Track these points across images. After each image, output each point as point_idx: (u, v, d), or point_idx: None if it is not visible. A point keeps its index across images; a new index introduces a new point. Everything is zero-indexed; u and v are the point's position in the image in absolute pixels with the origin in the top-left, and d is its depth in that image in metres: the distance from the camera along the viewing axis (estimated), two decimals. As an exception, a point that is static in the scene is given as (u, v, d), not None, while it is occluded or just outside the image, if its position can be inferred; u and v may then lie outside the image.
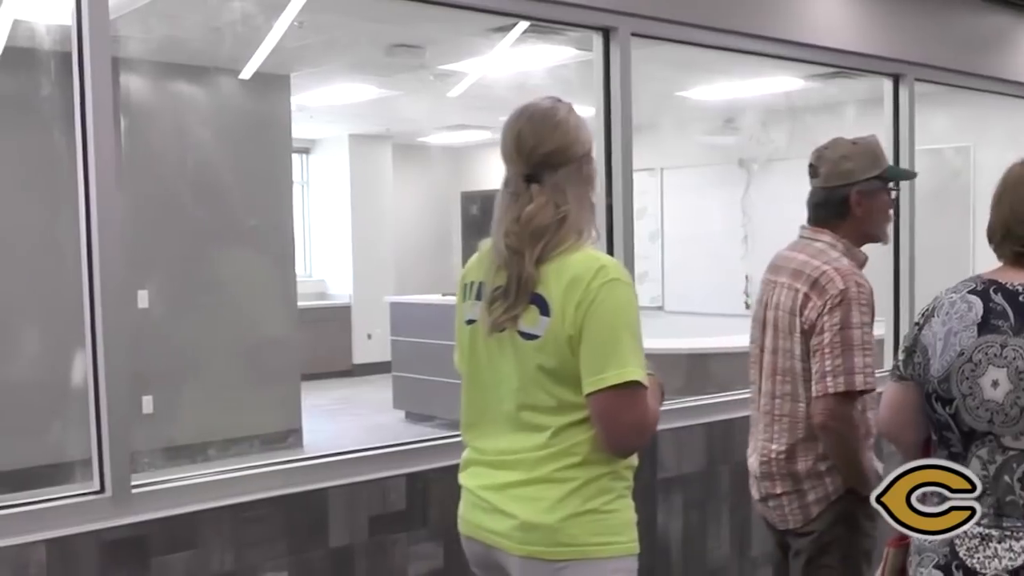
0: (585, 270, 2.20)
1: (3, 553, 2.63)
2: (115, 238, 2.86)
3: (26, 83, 6.72)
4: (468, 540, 2.44)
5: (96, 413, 2.88)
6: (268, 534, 3.07)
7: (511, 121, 2.33)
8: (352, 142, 12.83)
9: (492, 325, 2.28)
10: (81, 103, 2.82)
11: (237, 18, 6.64)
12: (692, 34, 4.27)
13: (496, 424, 2.35)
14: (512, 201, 2.28)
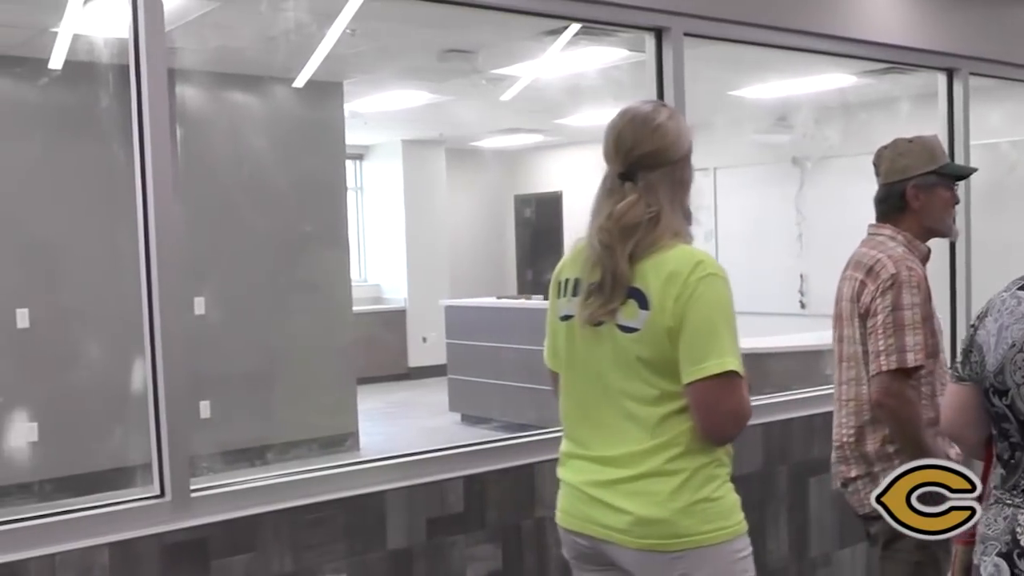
0: (683, 265, 2.28)
1: (68, 556, 2.68)
2: (173, 246, 2.90)
3: (86, 96, 6.85)
4: (572, 534, 2.46)
5: (156, 418, 2.92)
6: (327, 536, 3.09)
7: (613, 122, 2.41)
8: (405, 147, 12.89)
9: (589, 318, 2.34)
10: (139, 114, 2.87)
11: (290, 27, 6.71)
12: (744, 32, 4.25)
13: (597, 417, 2.39)
14: (606, 198, 2.36)
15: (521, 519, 3.50)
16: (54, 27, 6.37)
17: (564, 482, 2.48)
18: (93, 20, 6.26)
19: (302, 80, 7.88)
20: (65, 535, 2.73)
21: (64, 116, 7.36)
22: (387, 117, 10.77)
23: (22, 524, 2.71)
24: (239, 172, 8.22)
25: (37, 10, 6.35)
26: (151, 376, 2.92)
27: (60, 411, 7.29)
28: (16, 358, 7.24)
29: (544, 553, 3.56)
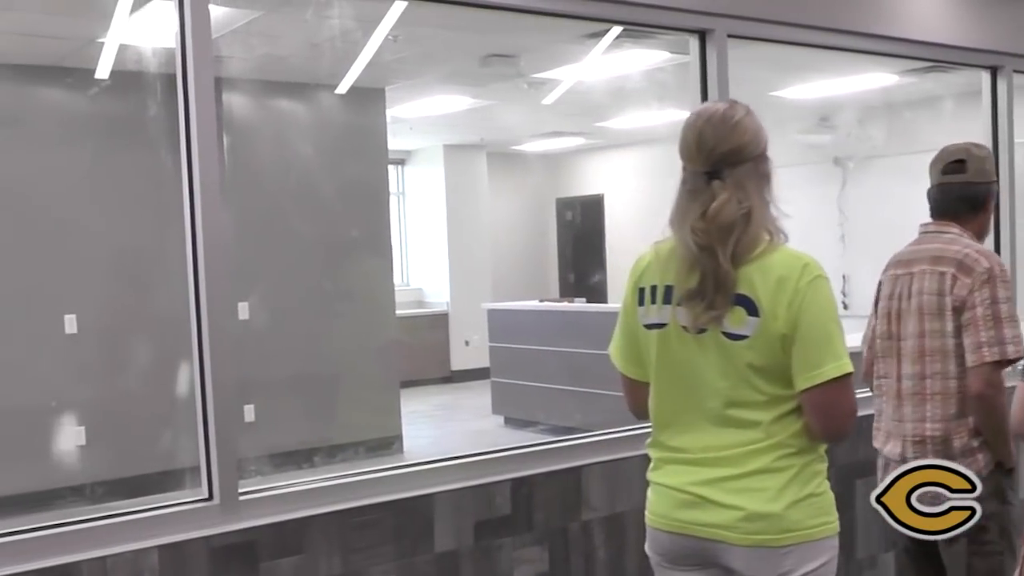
0: (791, 269, 2.28)
1: (119, 559, 2.72)
2: (220, 252, 2.93)
3: (134, 105, 6.92)
4: (671, 535, 2.44)
5: (204, 422, 2.95)
6: (375, 539, 3.11)
7: (691, 122, 2.39)
8: (447, 152, 12.93)
9: (693, 325, 2.33)
10: (186, 122, 2.91)
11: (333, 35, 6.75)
12: (788, 33, 4.24)
13: (697, 422, 2.38)
14: (692, 199, 2.34)
15: (568, 522, 3.51)
16: (100, 37, 6.45)
17: (661, 486, 2.46)
18: (139, 30, 6.33)
19: (345, 86, 7.93)
20: (116, 538, 2.76)
21: (111, 124, 7.44)
22: (429, 122, 10.80)
23: (74, 527, 2.75)
24: (283, 178, 8.28)
25: (84, 21, 6.42)
26: (199, 380, 2.95)
27: (107, 415, 7.37)
28: (64, 363, 7.33)
29: (591, 555, 3.57)
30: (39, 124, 7.31)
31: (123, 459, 7.18)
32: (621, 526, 3.61)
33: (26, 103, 7.37)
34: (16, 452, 7.09)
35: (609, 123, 11.56)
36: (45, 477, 7.17)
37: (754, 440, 2.31)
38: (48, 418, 7.32)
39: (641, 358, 2.48)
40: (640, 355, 2.48)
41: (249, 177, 7.76)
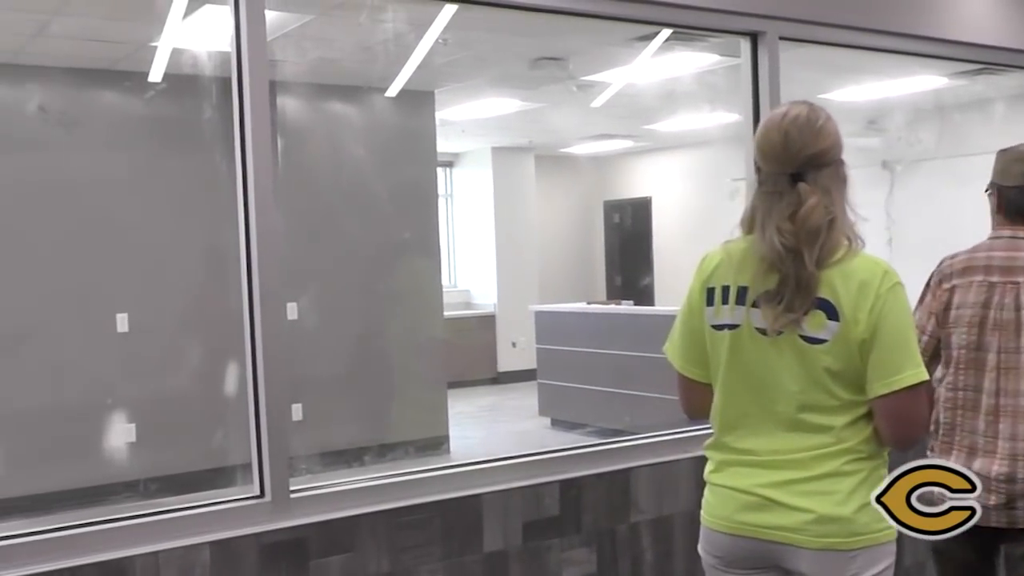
0: (872, 275, 2.29)
1: (171, 554, 2.76)
2: (273, 253, 2.97)
3: (190, 108, 7.00)
4: (732, 537, 2.43)
5: (256, 421, 2.98)
6: (423, 538, 3.13)
7: (775, 123, 2.38)
8: (495, 154, 12.96)
9: (772, 328, 2.31)
10: (241, 125, 2.94)
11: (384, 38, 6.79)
12: (839, 35, 4.21)
13: (765, 425, 2.38)
14: (775, 200, 2.32)
15: (616, 524, 3.51)
16: (154, 41, 6.53)
17: (723, 487, 2.44)
18: (192, 34, 6.40)
19: (395, 89, 7.98)
20: (168, 533, 2.80)
21: (164, 127, 7.53)
22: (477, 124, 10.83)
23: (127, 522, 2.80)
24: (334, 180, 8.34)
25: (138, 25, 6.50)
26: (251, 379, 2.99)
27: (158, 413, 7.45)
28: (115, 361, 7.43)
29: (639, 558, 3.57)
30: (94, 126, 7.43)
31: (174, 456, 7.26)
32: (669, 529, 3.61)
33: (82, 106, 7.49)
34: (69, 448, 7.21)
35: (657, 126, 11.53)
36: (98, 473, 7.27)
37: (824, 444, 2.31)
38: (100, 415, 7.42)
39: (703, 359, 2.46)
40: (702, 356, 2.46)
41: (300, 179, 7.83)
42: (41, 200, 7.23)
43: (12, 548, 2.64)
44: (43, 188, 7.21)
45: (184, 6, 5.57)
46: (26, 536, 2.68)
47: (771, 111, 2.46)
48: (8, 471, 6.90)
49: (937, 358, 3.17)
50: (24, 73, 7.33)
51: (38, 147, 7.22)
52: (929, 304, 3.19)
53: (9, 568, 2.58)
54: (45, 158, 7.21)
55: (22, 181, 7.15)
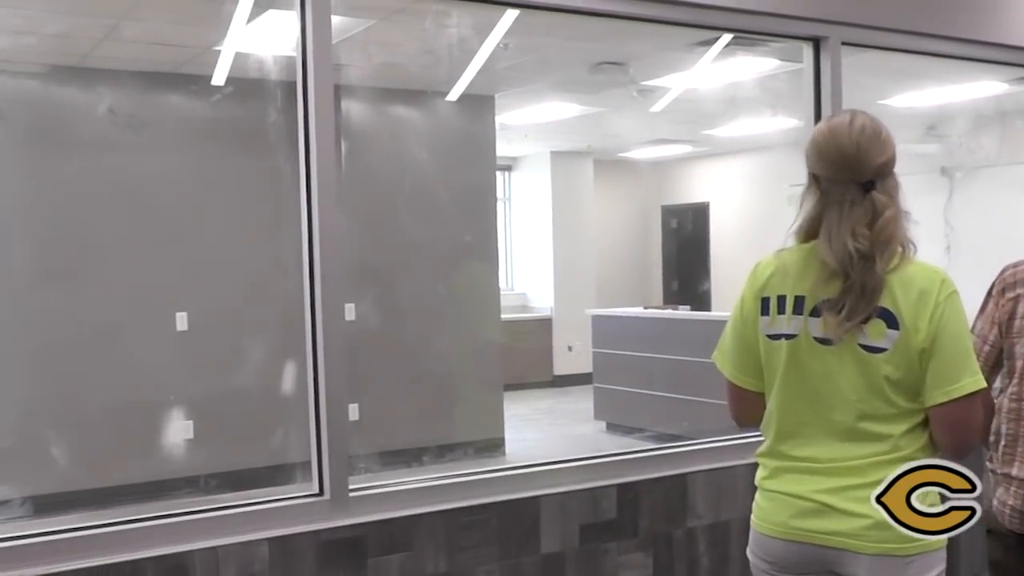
0: (931, 284, 2.29)
1: (230, 549, 2.80)
2: (335, 255, 2.99)
3: (252, 111, 7.09)
4: (787, 543, 2.42)
5: (316, 420, 3.01)
6: (481, 539, 3.15)
7: (843, 133, 2.36)
8: (554, 159, 12.98)
9: (835, 337, 2.31)
10: (305, 128, 2.97)
11: (447, 42, 6.83)
12: (902, 40, 4.17)
13: (823, 434, 2.37)
14: (848, 209, 2.31)
15: (672, 528, 3.51)
16: (217, 45, 6.62)
17: (778, 493, 2.44)
18: (255, 39, 6.48)
19: (456, 93, 8.02)
20: (228, 529, 2.84)
21: (227, 129, 7.64)
22: (536, 129, 10.85)
23: (188, 517, 2.84)
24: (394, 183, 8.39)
25: (203, 30, 6.61)
26: (311, 379, 3.02)
27: (215, 410, 7.56)
28: (174, 359, 7.54)
29: (695, 563, 3.56)
30: (160, 128, 7.54)
31: (233, 453, 7.36)
32: (726, 534, 3.60)
33: (148, 108, 7.60)
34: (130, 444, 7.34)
35: (716, 131, 11.49)
36: (159, 468, 7.39)
37: (882, 452, 2.31)
38: (159, 412, 7.53)
39: (755, 367, 2.46)
40: (754, 365, 2.46)
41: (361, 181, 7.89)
42: (108, 200, 7.37)
43: (76, 541, 2.69)
44: (110, 188, 7.36)
45: (248, 11, 5.64)
46: (89, 529, 2.72)
47: (827, 120, 2.43)
48: (72, 465, 7.03)
49: (998, 368, 3.10)
50: (95, 76, 7.47)
51: (107, 148, 7.36)
52: (992, 313, 3.11)
53: (72, 560, 2.63)
54: (113, 159, 7.36)
55: (91, 181, 7.30)
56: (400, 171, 8.49)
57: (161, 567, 2.72)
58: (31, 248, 7.20)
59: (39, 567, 2.60)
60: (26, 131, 7.19)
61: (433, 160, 8.74)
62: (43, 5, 6.04)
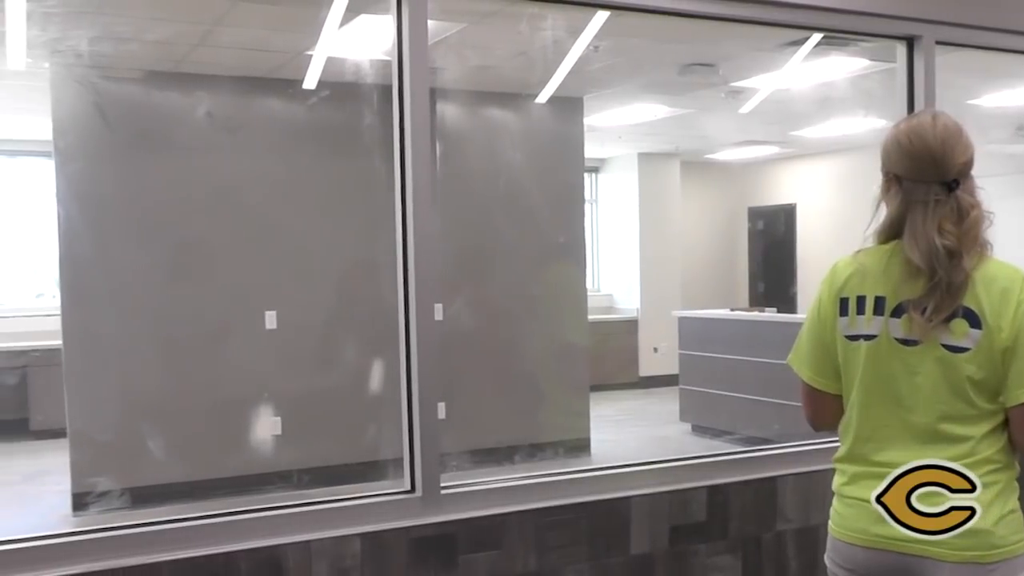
0: (1011, 282, 2.28)
1: (323, 544, 2.85)
2: (429, 256, 3.02)
3: (347, 114, 7.19)
4: (867, 550, 2.40)
5: (408, 418, 3.05)
6: (570, 539, 3.15)
7: (927, 133, 2.35)
8: (641, 160, 12.95)
9: (920, 337, 2.30)
10: (401, 131, 3.01)
11: (537, 45, 6.85)
12: (998, 39, 4.08)
13: (902, 437, 2.36)
14: (933, 208, 2.30)
15: (762, 532, 3.49)
16: (309, 50, 6.73)
17: (859, 500, 2.41)
18: (347, 43, 6.57)
19: (545, 96, 8.05)
20: (321, 524, 2.89)
21: (319, 132, 7.76)
22: (624, 130, 10.84)
23: (282, 511, 2.89)
24: (484, 184, 8.45)
25: (296, 35, 6.72)
26: (404, 377, 3.06)
27: (305, 407, 7.67)
28: (263, 357, 7.67)
29: (784, 567, 3.54)
30: (254, 131, 7.69)
31: (325, 449, 7.47)
32: (815, 539, 3.56)
33: (243, 112, 7.76)
34: (223, 439, 7.50)
35: (804, 132, 11.37)
36: (252, 463, 7.54)
37: (961, 455, 2.28)
38: (250, 408, 7.68)
39: (833, 370, 2.45)
40: (832, 366, 2.45)
41: (452, 183, 7.95)
42: (204, 200, 7.53)
43: (172, 532, 2.75)
44: (206, 189, 7.52)
45: (340, 16, 5.72)
46: (185, 521, 2.78)
47: (907, 121, 2.41)
48: (168, 458, 7.20)
49: None
50: (192, 81, 7.64)
51: (203, 150, 7.53)
52: None
53: (168, 551, 2.69)
54: (209, 161, 7.53)
55: (188, 182, 7.47)
56: (490, 173, 8.55)
57: (254, 560, 2.77)
58: (131, 246, 7.38)
59: (137, 557, 2.66)
60: (128, 134, 7.38)
61: (523, 162, 8.79)
62: (145, 12, 6.19)
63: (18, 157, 10.25)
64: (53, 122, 7.21)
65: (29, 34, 6.02)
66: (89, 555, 2.63)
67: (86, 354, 7.33)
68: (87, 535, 2.68)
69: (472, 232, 8.27)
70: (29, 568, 2.57)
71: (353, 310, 7.75)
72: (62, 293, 7.46)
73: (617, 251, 13.31)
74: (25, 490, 8.00)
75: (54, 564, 2.59)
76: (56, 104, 7.22)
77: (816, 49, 6.39)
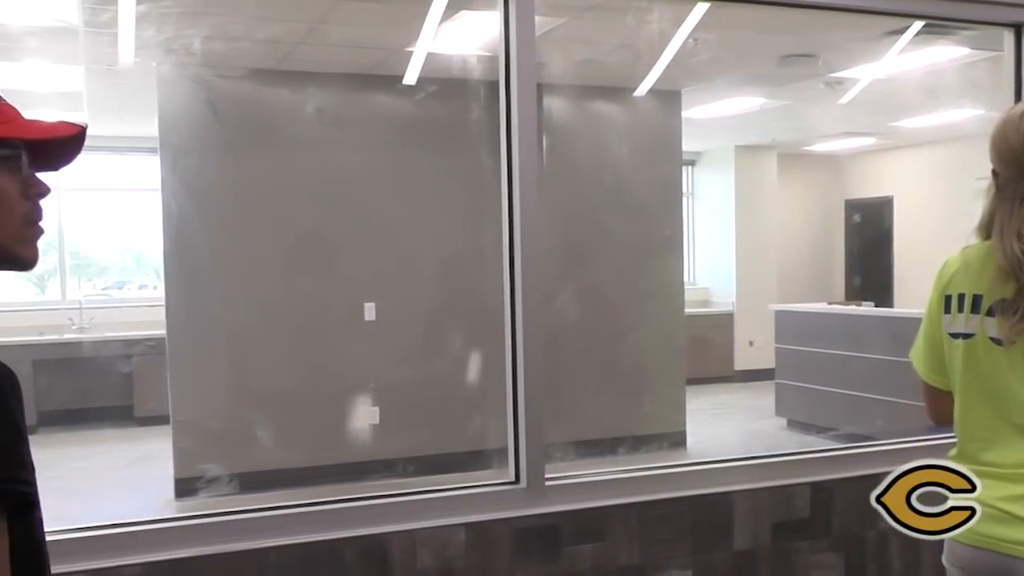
0: None
1: (427, 533, 2.88)
2: (536, 248, 3.04)
3: (452, 109, 7.25)
4: (974, 550, 2.38)
5: (514, 410, 3.07)
6: (673, 533, 3.16)
7: (1010, 126, 2.30)
8: (737, 153, 12.86)
9: (1007, 338, 2.26)
10: (508, 126, 3.03)
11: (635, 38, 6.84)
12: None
13: (1004, 436, 2.33)
14: (1017, 207, 2.25)
15: (865, 530, 3.45)
16: (410, 47, 6.80)
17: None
18: (447, 39, 6.63)
19: (643, 89, 8.03)
20: (425, 513, 2.92)
21: (421, 127, 7.84)
22: (720, 123, 10.77)
23: (387, 500, 2.93)
24: (585, 178, 8.44)
25: (398, 32, 6.79)
26: (510, 369, 3.08)
27: (406, 397, 7.77)
28: (361, 347, 7.78)
29: (887, 566, 3.50)
30: (356, 127, 7.81)
31: (423, 438, 7.56)
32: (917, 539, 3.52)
33: (347, 107, 7.88)
34: (327, 427, 7.64)
35: (902, 122, 11.17)
36: (353, 451, 7.67)
37: None
38: (351, 397, 7.80)
39: (944, 366, 2.42)
40: (943, 363, 2.42)
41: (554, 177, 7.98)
42: (309, 194, 7.67)
43: (279, 519, 2.80)
44: (312, 183, 7.65)
45: (440, 13, 5.77)
46: (291, 508, 2.83)
47: (1003, 113, 2.34)
48: (276, 446, 7.34)
49: None
50: (297, 78, 7.78)
51: (310, 146, 7.66)
52: None
53: (275, 537, 2.75)
54: (315, 155, 7.64)
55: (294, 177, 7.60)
56: (590, 166, 8.54)
57: (360, 547, 2.81)
58: (237, 239, 7.56)
59: (245, 543, 2.72)
60: (236, 129, 7.55)
61: (622, 155, 8.78)
62: (255, 12, 6.31)
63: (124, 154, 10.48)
64: (159, 119, 7.39)
65: (146, 35, 6.19)
66: (199, 539, 2.70)
67: (190, 343, 7.51)
68: (199, 519, 2.75)
69: (574, 225, 8.29)
70: (140, 551, 2.64)
71: (453, 302, 7.82)
72: (167, 285, 7.65)
73: (713, 245, 13.23)
74: (129, 475, 8.23)
75: (163, 548, 2.66)
76: (163, 101, 7.40)
77: (917, 38, 6.28)
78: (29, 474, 1.28)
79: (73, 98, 8.14)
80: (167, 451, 7.39)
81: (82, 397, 9.10)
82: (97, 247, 11.41)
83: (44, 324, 9.94)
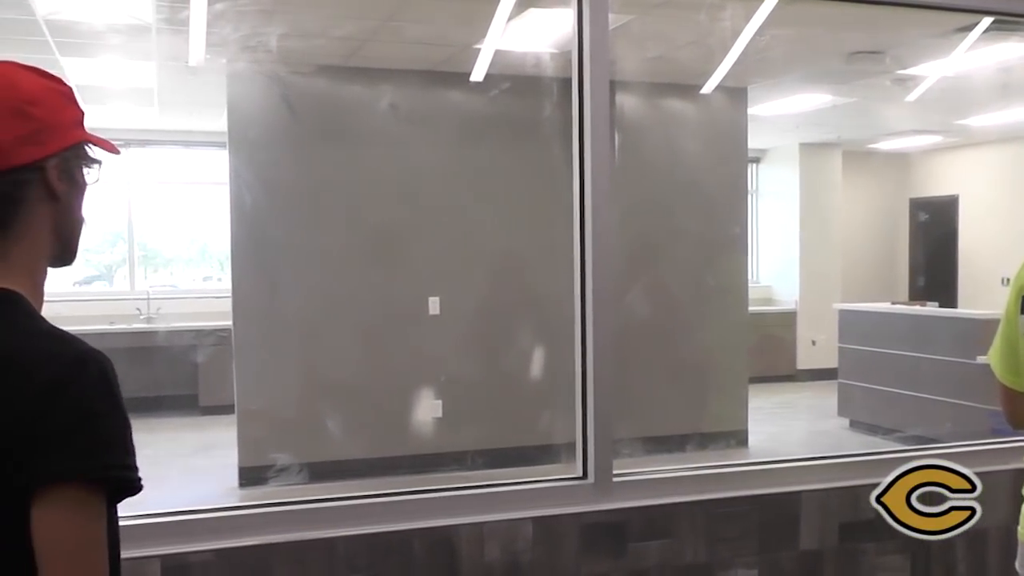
0: None
1: (495, 526, 2.91)
2: (608, 245, 3.06)
3: (532, 105, 7.27)
4: None
5: (583, 405, 3.09)
6: (740, 531, 3.15)
7: None
8: (802, 151, 12.76)
9: None
10: (580, 122, 3.05)
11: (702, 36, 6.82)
12: None
13: None
14: None
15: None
16: (478, 44, 6.84)
17: None
18: (515, 36, 6.66)
19: (710, 86, 8.01)
20: (494, 507, 2.96)
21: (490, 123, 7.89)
22: (785, 120, 10.69)
23: (456, 493, 2.97)
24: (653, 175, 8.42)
25: (464, 29, 6.85)
26: (579, 365, 3.09)
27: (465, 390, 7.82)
28: (425, 341, 7.83)
29: (952, 569, 3.47)
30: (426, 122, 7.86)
31: (490, 431, 7.61)
32: (983, 542, 3.49)
33: (416, 103, 7.93)
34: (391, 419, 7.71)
35: (970, 120, 11.02)
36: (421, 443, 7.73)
37: None
38: (416, 389, 7.85)
39: (1020, 367, 2.41)
40: (1019, 364, 2.41)
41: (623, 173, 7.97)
42: (378, 189, 7.73)
43: (348, 509, 2.85)
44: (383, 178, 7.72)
45: (509, 10, 5.80)
46: (361, 499, 2.88)
47: None
48: (345, 437, 7.42)
49: None
50: (367, 74, 7.86)
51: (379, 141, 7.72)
52: None
53: (344, 527, 2.78)
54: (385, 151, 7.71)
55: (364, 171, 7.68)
56: (658, 163, 8.52)
57: (428, 539, 2.84)
58: (306, 232, 7.63)
59: (314, 532, 2.76)
60: (307, 124, 7.63)
61: (689, 152, 8.76)
62: (330, 10, 6.39)
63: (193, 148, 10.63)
64: (229, 114, 7.49)
65: (222, 32, 6.29)
66: (269, 527, 2.74)
67: (256, 334, 7.61)
68: (269, 508, 2.79)
69: (642, 222, 8.26)
70: (211, 538, 2.68)
71: (519, 298, 7.85)
72: (234, 276, 7.75)
73: (776, 242, 13.14)
74: (194, 463, 8.34)
75: (233, 535, 2.71)
76: (233, 97, 7.50)
77: (986, 34, 6.21)
78: (134, 459, 1.33)
79: (145, 93, 8.27)
80: (231, 440, 7.48)
81: (149, 385, 9.24)
82: (163, 239, 11.56)
83: (113, 314, 10.12)
